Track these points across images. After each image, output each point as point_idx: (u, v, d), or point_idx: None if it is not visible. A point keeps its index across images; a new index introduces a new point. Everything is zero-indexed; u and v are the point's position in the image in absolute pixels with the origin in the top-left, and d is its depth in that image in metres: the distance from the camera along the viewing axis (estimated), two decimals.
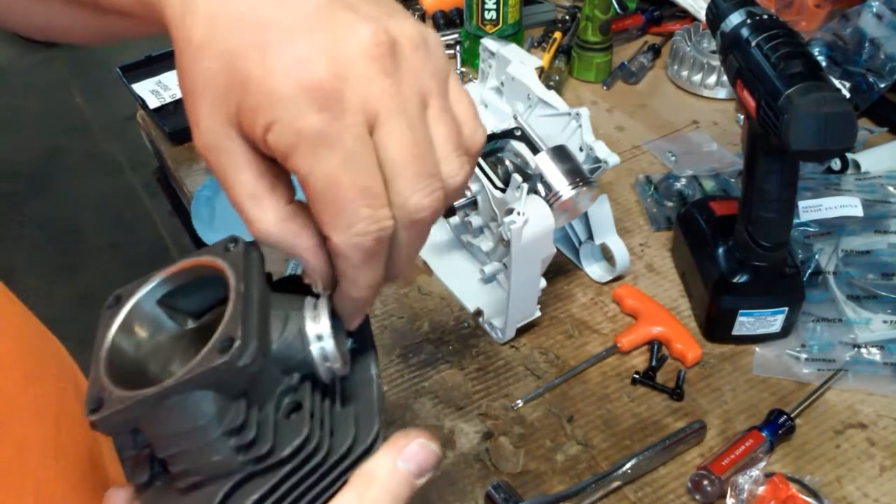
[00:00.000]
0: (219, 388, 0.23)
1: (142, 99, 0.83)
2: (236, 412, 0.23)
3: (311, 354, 0.25)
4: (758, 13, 0.52)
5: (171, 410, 0.22)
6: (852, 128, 0.47)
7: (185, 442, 0.23)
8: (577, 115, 0.58)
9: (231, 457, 0.23)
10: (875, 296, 0.58)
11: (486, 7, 0.82)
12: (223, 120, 0.22)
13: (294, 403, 0.25)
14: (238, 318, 0.23)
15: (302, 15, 0.22)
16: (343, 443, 0.25)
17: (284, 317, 0.25)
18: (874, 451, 0.53)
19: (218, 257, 0.25)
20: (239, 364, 0.22)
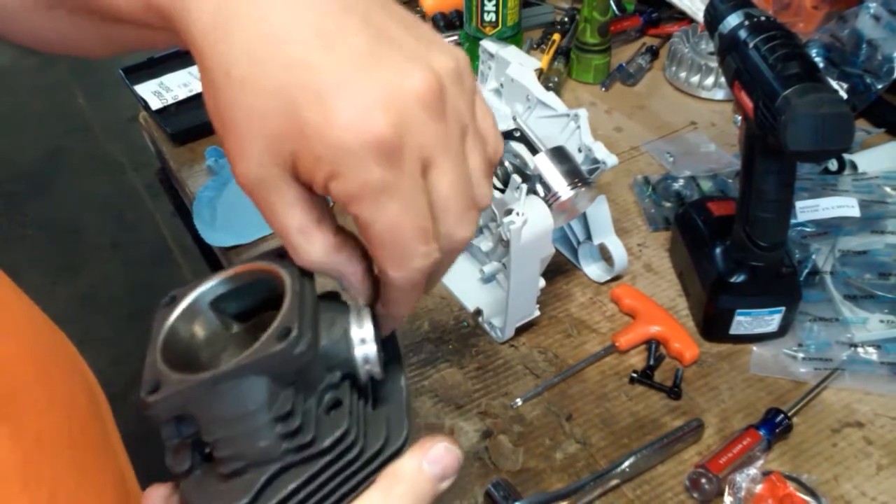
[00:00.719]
0: (272, 375, 0.24)
1: (144, 100, 0.84)
2: (285, 400, 0.24)
3: (354, 355, 0.26)
4: (755, 15, 0.52)
5: (225, 394, 0.23)
6: (849, 129, 0.47)
7: (235, 426, 0.24)
8: (576, 117, 0.58)
9: (276, 443, 0.24)
10: (872, 295, 0.59)
11: (485, 9, 0.82)
12: (274, 160, 0.23)
13: (334, 400, 0.26)
14: (295, 312, 0.24)
15: (351, 57, 0.22)
16: (375, 442, 0.26)
17: (331, 318, 0.27)
18: (871, 449, 0.53)
19: (274, 262, 0.27)
20: (295, 352, 0.23)
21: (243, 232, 0.70)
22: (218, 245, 0.71)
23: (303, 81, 0.22)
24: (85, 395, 0.27)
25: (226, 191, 0.74)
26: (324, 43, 0.22)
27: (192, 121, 0.81)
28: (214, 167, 0.77)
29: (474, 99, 0.26)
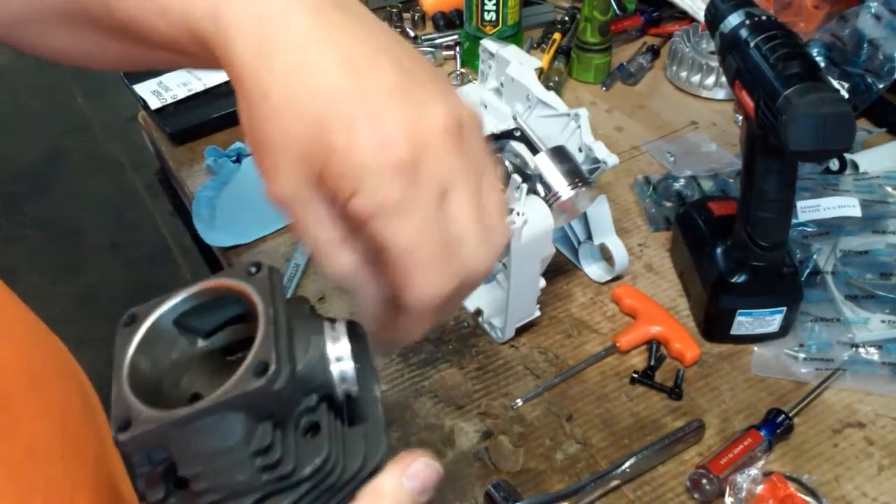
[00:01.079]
0: (250, 411, 0.23)
1: (143, 100, 0.84)
2: (264, 434, 0.24)
3: (332, 376, 0.26)
4: (756, 14, 0.52)
5: (201, 431, 0.23)
6: (851, 128, 0.47)
7: (213, 461, 0.23)
8: (577, 116, 0.58)
9: (255, 476, 0.24)
10: (873, 295, 0.59)
11: (485, 8, 0.82)
12: (304, 176, 0.25)
13: (311, 423, 0.26)
14: (271, 343, 0.24)
15: (379, 90, 0.25)
16: (355, 461, 0.26)
17: (306, 339, 0.26)
18: (872, 450, 0.53)
19: (243, 281, 0.26)
20: (274, 388, 0.23)
21: (242, 232, 0.70)
22: (217, 245, 0.71)
23: (335, 107, 0.24)
24: (79, 400, 0.27)
25: (225, 190, 0.74)
26: (356, 75, 0.25)
27: (191, 120, 0.81)
28: (213, 167, 0.76)
29: (486, 152, 0.28)
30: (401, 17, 0.95)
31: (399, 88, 0.25)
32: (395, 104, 0.25)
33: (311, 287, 0.66)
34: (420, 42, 0.92)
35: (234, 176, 0.74)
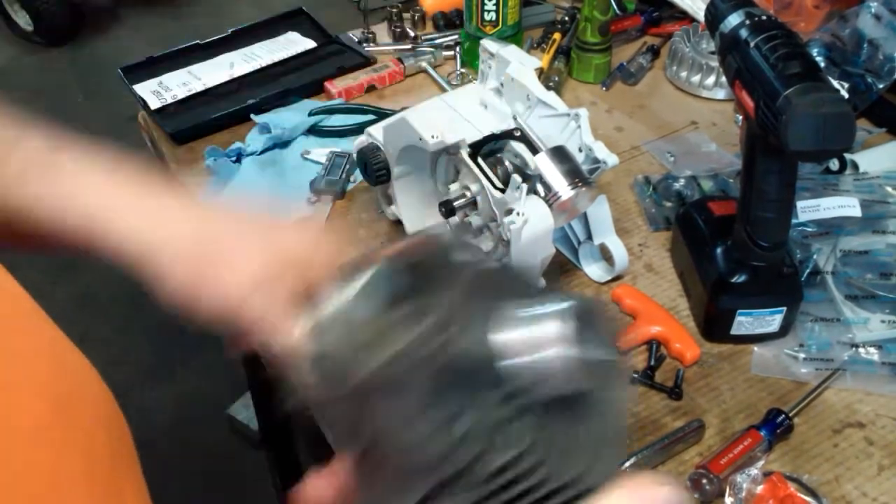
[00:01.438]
0: (433, 376, 0.20)
1: (143, 100, 0.83)
2: (448, 407, 0.20)
3: (547, 360, 0.21)
4: (756, 14, 0.52)
5: (383, 391, 0.21)
6: (851, 128, 0.47)
7: (391, 431, 0.21)
8: (577, 116, 0.58)
9: (435, 456, 0.21)
10: (873, 295, 0.59)
11: (485, 8, 0.82)
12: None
13: (520, 409, 0.21)
14: (460, 304, 0.21)
15: (279, 304, 0.30)
16: (568, 469, 0.21)
17: (526, 313, 0.22)
18: (872, 450, 0.53)
19: (453, 238, 0.25)
20: (456, 350, 0.20)
21: None
22: None
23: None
24: (107, 432, 0.25)
25: (225, 191, 0.74)
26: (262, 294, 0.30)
27: (191, 120, 0.81)
28: (213, 167, 0.76)
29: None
30: (401, 17, 0.95)
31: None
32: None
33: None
34: (420, 42, 0.92)
35: (234, 176, 0.74)
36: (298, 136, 0.79)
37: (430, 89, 0.86)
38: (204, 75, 0.87)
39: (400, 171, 0.64)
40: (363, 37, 0.93)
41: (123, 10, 2.60)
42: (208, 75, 0.86)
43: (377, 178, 0.64)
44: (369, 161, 0.64)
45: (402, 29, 0.94)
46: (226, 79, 0.86)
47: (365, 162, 0.64)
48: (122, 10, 2.60)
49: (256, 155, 0.76)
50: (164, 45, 0.92)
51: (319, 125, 0.80)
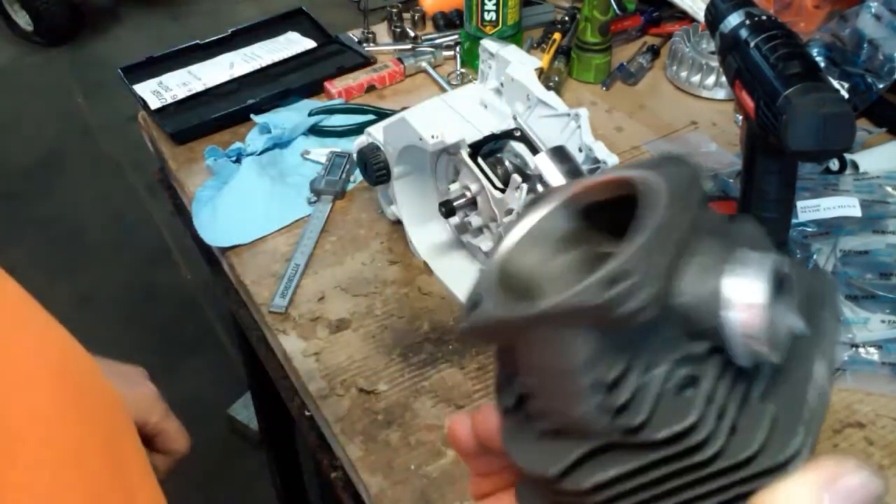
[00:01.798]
0: (599, 331, 0.19)
1: (143, 100, 0.83)
2: (610, 366, 0.19)
3: (726, 324, 0.19)
4: (756, 14, 0.52)
5: (538, 340, 0.19)
6: (851, 128, 0.47)
7: (548, 380, 0.20)
8: (577, 116, 0.58)
9: (593, 416, 0.19)
10: (873, 296, 0.59)
11: (485, 8, 0.82)
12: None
13: (691, 378, 0.19)
14: (641, 252, 0.18)
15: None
16: (745, 447, 0.19)
17: (709, 266, 0.19)
18: (872, 450, 0.53)
19: (651, 172, 0.20)
20: (622, 309, 0.18)
21: (242, 232, 0.70)
22: (217, 245, 0.71)
23: None
24: (121, 449, 0.24)
25: (225, 190, 0.74)
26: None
27: (191, 120, 0.81)
28: (213, 167, 0.76)
29: None
30: (401, 17, 0.95)
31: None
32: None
33: (311, 287, 0.66)
34: (420, 42, 0.92)
35: (234, 176, 0.74)
36: (298, 136, 0.79)
37: (430, 89, 0.86)
38: (204, 75, 0.87)
39: (400, 171, 0.64)
40: (363, 37, 0.93)
41: (123, 10, 2.60)
42: (208, 75, 0.86)
43: (377, 178, 0.64)
44: (369, 161, 0.64)
45: (402, 29, 0.94)
46: (226, 79, 0.86)
47: (365, 162, 0.64)
48: (122, 10, 2.61)
49: (256, 155, 0.76)
50: (164, 45, 0.92)
51: (319, 125, 0.80)
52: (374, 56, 0.89)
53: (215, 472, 1.33)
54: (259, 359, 0.69)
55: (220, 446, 1.36)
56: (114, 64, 0.92)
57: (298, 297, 0.64)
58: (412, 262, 0.67)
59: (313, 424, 0.60)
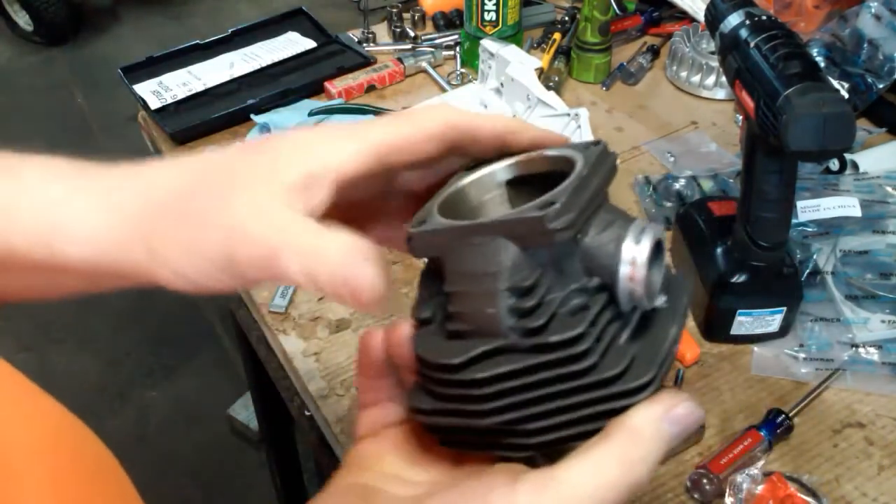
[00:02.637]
0: (523, 245, 0.23)
1: (143, 100, 0.83)
2: (528, 275, 0.23)
3: (619, 268, 0.23)
4: (756, 14, 0.52)
5: (473, 248, 0.24)
6: (851, 128, 0.47)
7: (472, 283, 0.23)
8: (577, 116, 0.58)
9: (504, 317, 0.23)
10: (873, 296, 0.59)
11: (485, 8, 0.82)
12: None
13: (581, 305, 0.24)
14: (569, 191, 0.23)
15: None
16: (611, 369, 0.23)
17: (609, 221, 0.24)
18: (872, 450, 0.53)
19: (575, 150, 0.26)
20: (550, 225, 0.22)
21: None
22: None
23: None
24: (112, 485, 0.23)
25: None
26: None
27: (191, 120, 0.81)
28: None
29: None
30: (401, 17, 0.95)
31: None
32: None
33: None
34: (420, 42, 0.92)
35: None
36: None
37: (430, 89, 0.86)
38: (204, 75, 0.87)
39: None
40: (363, 37, 0.93)
41: (123, 10, 2.60)
42: (208, 75, 0.86)
43: None
44: None
45: (401, 29, 0.94)
46: (226, 79, 0.86)
47: None
48: (121, 10, 2.61)
49: None
50: (164, 45, 0.92)
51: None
52: (374, 56, 0.89)
53: (215, 472, 1.33)
54: (259, 359, 0.69)
55: (219, 446, 1.36)
56: (114, 64, 0.92)
57: (298, 297, 0.64)
58: (412, 262, 0.67)
59: (313, 424, 0.60)
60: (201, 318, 1.63)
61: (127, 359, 1.55)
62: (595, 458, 0.23)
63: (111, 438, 0.26)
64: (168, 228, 0.25)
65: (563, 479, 0.22)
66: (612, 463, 0.22)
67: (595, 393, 0.23)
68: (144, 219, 0.26)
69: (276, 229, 0.24)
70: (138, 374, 1.52)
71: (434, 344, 0.25)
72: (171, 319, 1.62)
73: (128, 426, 1.41)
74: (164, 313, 1.63)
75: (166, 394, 1.49)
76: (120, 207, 0.26)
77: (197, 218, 0.25)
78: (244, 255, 0.24)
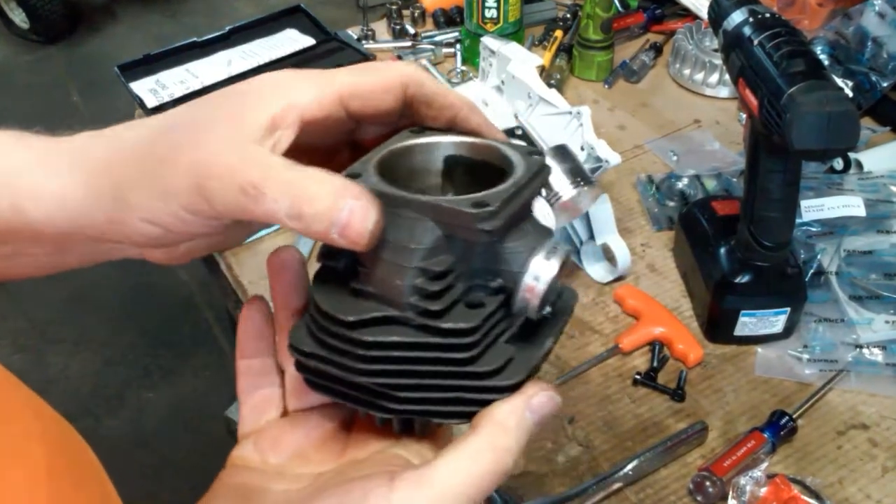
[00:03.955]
0: (447, 230, 0.25)
1: (140, 98, 0.83)
2: (442, 261, 0.25)
3: (524, 277, 0.26)
4: (760, 12, 0.51)
5: (400, 219, 0.25)
6: (855, 127, 0.47)
7: (389, 252, 0.25)
8: (579, 114, 0.57)
9: (408, 292, 0.25)
10: (877, 296, 0.58)
11: (486, 5, 0.82)
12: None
13: (480, 301, 0.26)
14: (505, 197, 0.25)
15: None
16: (488, 364, 0.26)
17: (528, 232, 0.26)
18: (876, 451, 0.52)
19: (517, 153, 0.28)
20: (478, 225, 0.24)
21: None
22: None
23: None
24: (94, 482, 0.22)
25: None
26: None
27: None
28: None
29: None
30: (400, 15, 0.94)
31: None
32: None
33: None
34: (420, 39, 0.92)
35: None
36: None
37: None
38: (202, 73, 0.86)
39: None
40: (362, 34, 0.92)
41: (120, 8, 2.59)
42: (206, 73, 0.86)
43: None
44: None
45: (401, 26, 0.93)
46: (224, 77, 0.85)
47: None
48: (118, 8, 2.59)
49: None
50: (161, 43, 0.91)
51: None
52: (374, 53, 0.89)
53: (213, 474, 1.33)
54: None
55: (217, 448, 1.35)
56: (110, 62, 0.91)
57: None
58: None
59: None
60: (199, 319, 1.62)
61: (124, 360, 1.54)
62: (466, 451, 0.24)
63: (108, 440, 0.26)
64: (136, 175, 0.25)
65: (437, 477, 0.24)
66: (482, 455, 0.24)
67: (468, 382, 0.26)
68: (112, 171, 0.25)
69: (255, 163, 0.24)
70: (135, 375, 1.51)
71: (334, 294, 0.26)
72: (168, 320, 1.62)
73: (125, 428, 1.40)
74: (162, 314, 1.63)
75: (164, 395, 1.48)
76: (86, 164, 0.26)
77: (166, 160, 0.25)
78: (219, 187, 0.24)
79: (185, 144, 0.25)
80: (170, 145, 0.25)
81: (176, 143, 0.25)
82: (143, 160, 0.25)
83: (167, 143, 0.25)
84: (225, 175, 0.24)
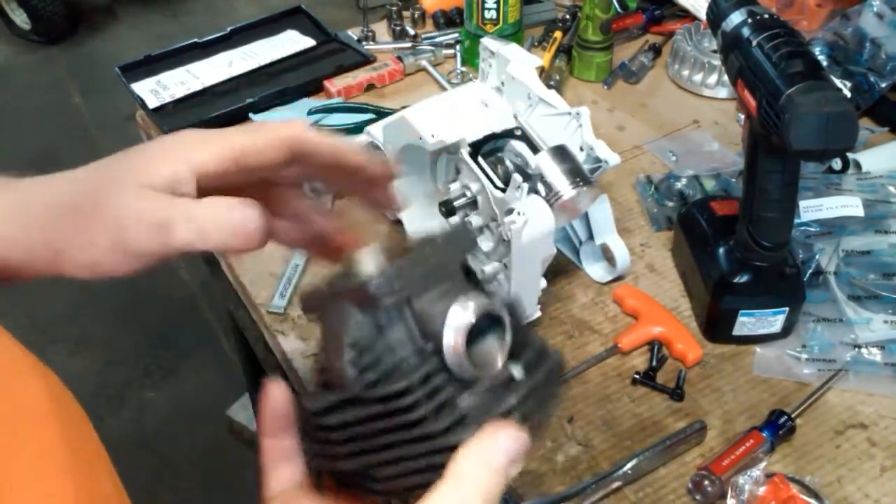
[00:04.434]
0: (359, 306, 0.27)
1: (141, 99, 0.83)
2: (366, 334, 0.27)
3: (443, 334, 0.27)
4: (759, 12, 0.52)
5: (332, 311, 0.28)
6: (853, 127, 0.47)
7: (331, 340, 0.28)
8: (578, 115, 0.57)
9: (348, 369, 0.27)
10: (876, 296, 0.58)
11: (486, 6, 0.82)
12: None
13: (416, 365, 0.27)
14: (397, 265, 0.27)
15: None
16: (439, 424, 0.27)
17: (448, 292, 0.28)
18: (875, 451, 0.53)
19: (436, 233, 0.30)
20: (371, 291, 0.26)
21: None
22: None
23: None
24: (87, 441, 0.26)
25: None
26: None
27: (189, 119, 0.80)
28: None
29: None
30: (400, 16, 0.95)
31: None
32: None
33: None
34: (420, 40, 0.92)
35: None
36: None
37: (430, 88, 0.86)
38: (202, 74, 0.86)
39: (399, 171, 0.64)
40: (363, 35, 0.92)
41: (121, 9, 2.60)
42: (207, 74, 0.86)
43: None
44: None
45: (401, 27, 0.94)
46: (224, 77, 0.85)
47: None
48: (119, 9, 2.60)
49: None
50: (162, 44, 0.91)
51: (319, 124, 0.79)
52: (374, 54, 0.89)
53: (213, 474, 1.33)
54: (258, 360, 0.69)
55: (218, 447, 1.36)
56: (111, 62, 0.91)
57: (297, 298, 0.64)
58: None
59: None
60: (200, 319, 1.63)
61: (125, 359, 1.55)
62: (435, 495, 0.26)
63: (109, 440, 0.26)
64: (67, 230, 0.30)
65: None
66: (450, 495, 0.26)
67: (424, 445, 0.27)
68: (46, 226, 0.31)
69: (162, 207, 0.29)
70: (136, 375, 1.52)
71: (312, 394, 0.29)
72: (169, 320, 1.62)
73: (126, 427, 1.41)
74: (163, 314, 1.63)
75: (165, 395, 1.48)
76: (25, 216, 0.31)
77: (91, 216, 0.30)
78: (135, 233, 0.29)
79: (105, 202, 0.30)
80: (92, 203, 0.30)
81: (97, 201, 0.30)
82: (72, 217, 0.30)
83: (90, 201, 0.30)
84: (142, 220, 0.29)
